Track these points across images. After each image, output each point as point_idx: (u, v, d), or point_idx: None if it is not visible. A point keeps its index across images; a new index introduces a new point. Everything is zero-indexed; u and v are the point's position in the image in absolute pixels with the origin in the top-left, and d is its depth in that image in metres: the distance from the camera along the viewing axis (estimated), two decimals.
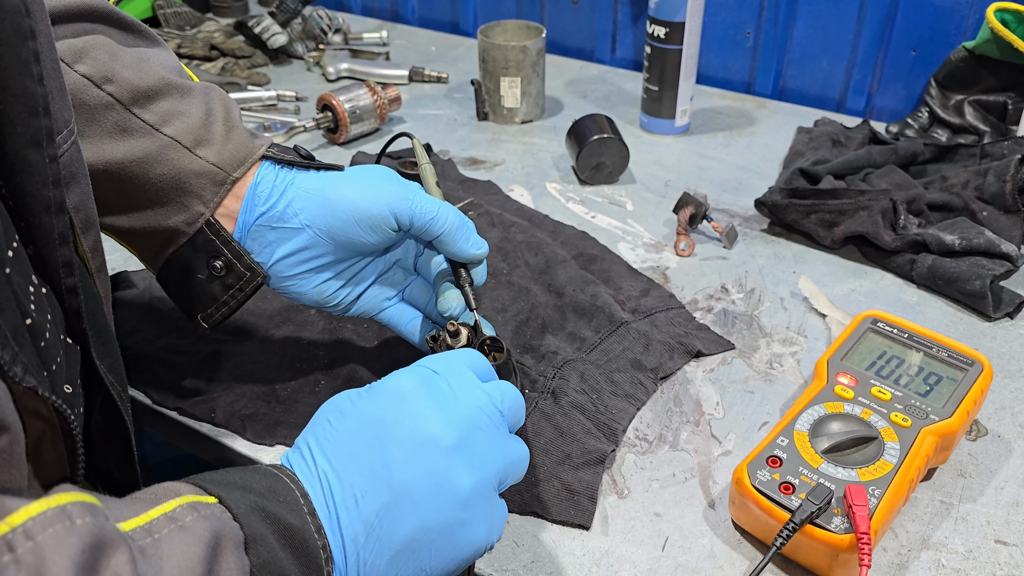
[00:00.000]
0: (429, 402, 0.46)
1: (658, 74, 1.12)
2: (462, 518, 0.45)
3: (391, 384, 0.48)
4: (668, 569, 0.59)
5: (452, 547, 0.45)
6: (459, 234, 0.62)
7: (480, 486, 0.46)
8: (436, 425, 0.45)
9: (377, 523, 0.43)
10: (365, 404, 0.47)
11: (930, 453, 0.61)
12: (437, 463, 0.45)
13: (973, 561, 0.59)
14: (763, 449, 0.61)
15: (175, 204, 0.60)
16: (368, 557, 0.43)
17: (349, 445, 0.45)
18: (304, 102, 1.25)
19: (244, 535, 0.39)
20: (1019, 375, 0.75)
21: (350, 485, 0.44)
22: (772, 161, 1.10)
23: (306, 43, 1.41)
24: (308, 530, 0.41)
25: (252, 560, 0.38)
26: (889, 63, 1.19)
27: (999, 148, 0.98)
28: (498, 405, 0.49)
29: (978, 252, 0.85)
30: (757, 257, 0.91)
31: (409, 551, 0.44)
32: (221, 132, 0.61)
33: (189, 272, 0.63)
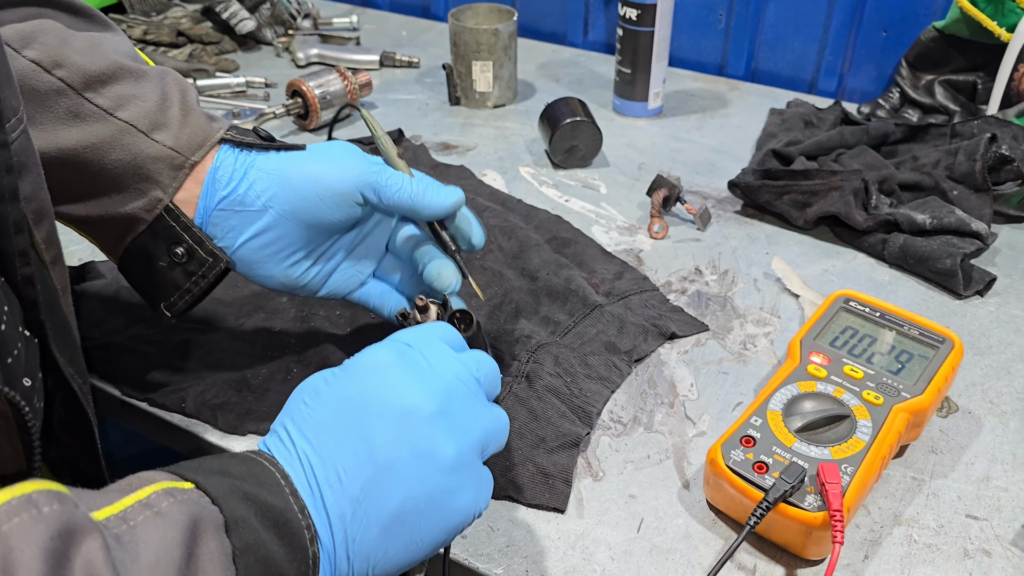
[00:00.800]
0: (406, 374, 0.46)
1: (630, 56, 1.11)
2: (449, 485, 0.45)
3: (365, 359, 0.47)
4: (643, 550, 0.59)
5: (441, 516, 0.45)
6: (428, 194, 0.61)
7: (464, 453, 0.46)
8: (415, 396, 0.45)
9: (363, 498, 0.43)
10: (341, 381, 0.46)
11: (902, 430, 0.61)
12: (419, 433, 0.44)
13: (944, 536, 0.60)
14: (737, 429, 0.61)
15: (132, 190, 0.59)
16: (356, 533, 0.42)
17: (328, 423, 0.44)
18: (274, 88, 1.24)
19: (224, 518, 0.38)
20: (989, 352, 0.76)
21: (332, 463, 0.43)
22: (745, 143, 1.10)
23: (275, 28, 1.39)
24: (291, 510, 0.41)
25: (234, 543, 0.37)
26: (860, 44, 1.20)
27: (969, 128, 0.98)
28: (474, 373, 0.49)
29: (949, 231, 0.86)
30: (731, 239, 0.91)
31: (398, 524, 0.43)
32: (178, 116, 0.60)
33: (150, 260, 0.61)
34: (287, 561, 0.39)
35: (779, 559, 0.58)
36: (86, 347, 0.74)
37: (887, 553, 0.59)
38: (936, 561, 0.58)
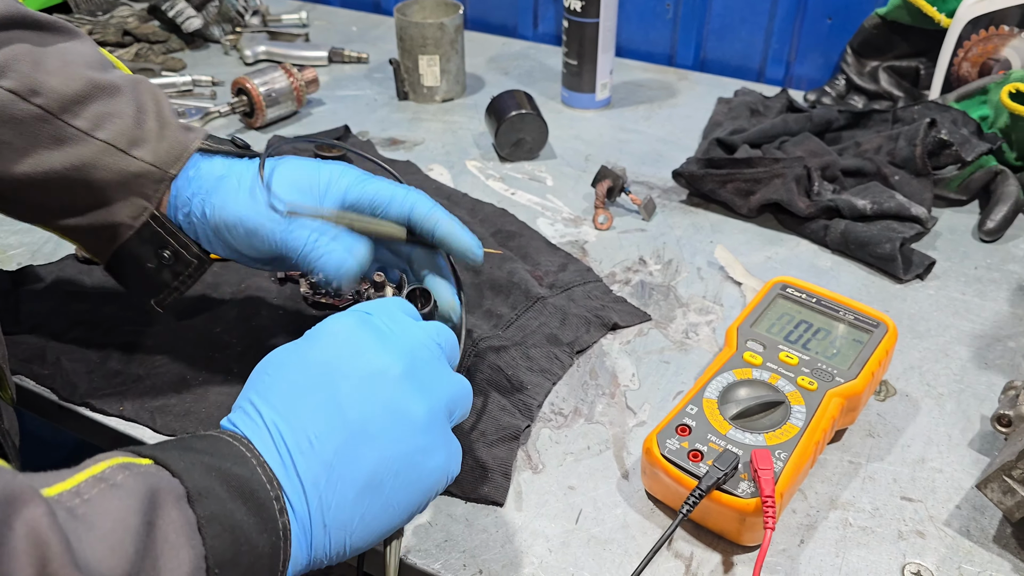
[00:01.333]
0: (370, 337, 0.46)
1: (576, 48, 1.11)
2: (422, 444, 0.45)
3: (327, 327, 0.47)
4: (581, 541, 0.59)
5: (416, 476, 0.45)
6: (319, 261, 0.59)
7: (434, 412, 0.46)
8: (382, 356, 0.45)
9: (337, 462, 0.42)
10: (303, 350, 0.46)
11: (836, 415, 0.62)
12: (390, 393, 0.44)
13: (879, 518, 0.60)
14: (673, 418, 0.61)
15: (119, 202, 0.61)
16: (332, 499, 0.42)
17: (294, 390, 0.44)
18: (221, 87, 1.22)
19: (186, 488, 0.37)
20: (928, 335, 0.77)
21: (302, 429, 0.42)
22: (692, 132, 1.10)
23: (222, 26, 1.38)
24: (258, 480, 0.40)
25: (199, 512, 0.36)
26: (806, 32, 1.20)
27: (910, 113, 0.99)
28: (435, 339, 0.49)
29: (889, 216, 0.86)
30: (675, 228, 0.91)
31: (374, 486, 0.43)
32: (155, 129, 0.61)
33: (138, 262, 0.63)
34: (256, 531, 0.39)
35: (716, 546, 0.59)
36: (25, 352, 0.73)
37: (822, 537, 0.59)
38: (871, 544, 0.59)
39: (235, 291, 0.81)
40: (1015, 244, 0.89)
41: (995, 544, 0.58)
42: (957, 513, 0.61)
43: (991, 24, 0.99)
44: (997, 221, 0.89)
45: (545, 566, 0.57)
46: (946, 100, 1.01)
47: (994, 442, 0.66)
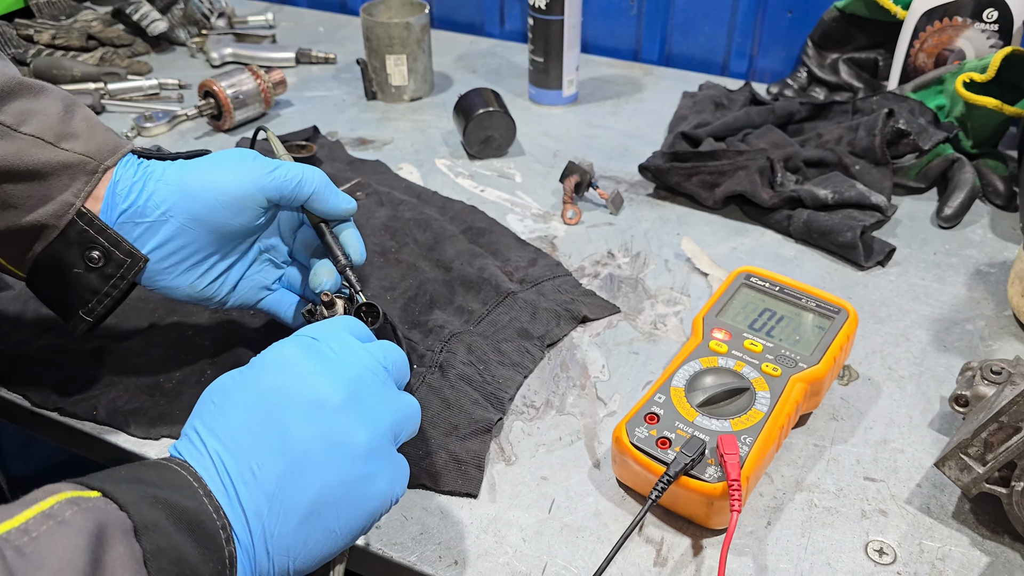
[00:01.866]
0: (313, 366, 0.46)
1: (542, 45, 1.12)
2: (364, 472, 0.45)
3: (272, 355, 0.47)
4: (554, 530, 0.60)
5: (358, 503, 0.45)
6: (328, 191, 0.63)
7: (376, 439, 0.46)
8: (324, 386, 0.46)
9: (279, 491, 0.43)
10: (248, 379, 0.46)
11: (799, 399, 0.63)
12: (330, 423, 0.45)
13: (843, 499, 0.62)
14: (641, 407, 0.62)
15: (40, 198, 0.58)
16: (274, 527, 0.43)
17: (238, 420, 0.44)
18: (188, 90, 1.22)
19: (133, 523, 0.37)
20: (889, 320, 0.79)
21: (245, 459, 0.43)
22: (658, 127, 1.12)
23: (188, 29, 1.37)
24: (205, 511, 0.40)
25: (145, 546, 0.37)
26: (767, 25, 1.22)
27: (869, 103, 1.01)
28: (382, 362, 0.50)
29: (850, 204, 0.88)
30: (643, 221, 0.93)
31: (316, 514, 0.44)
32: (83, 127, 0.60)
33: (63, 268, 0.60)
34: (202, 562, 0.39)
35: (685, 530, 0.60)
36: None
37: (789, 519, 0.61)
38: (835, 523, 0.60)
39: None
40: (972, 230, 0.91)
41: (954, 520, 0.60)
42: (918, 491, 0.62)
43: (945, 15, 1.01)
44: (954, 208, 0.91)
45: (519, 555, 0.58)
46: (904, 90, 1.03)
47: (953, 422, 0.68)
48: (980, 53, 1.01)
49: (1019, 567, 0.57)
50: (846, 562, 0.58)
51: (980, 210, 0.94)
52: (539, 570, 0.57)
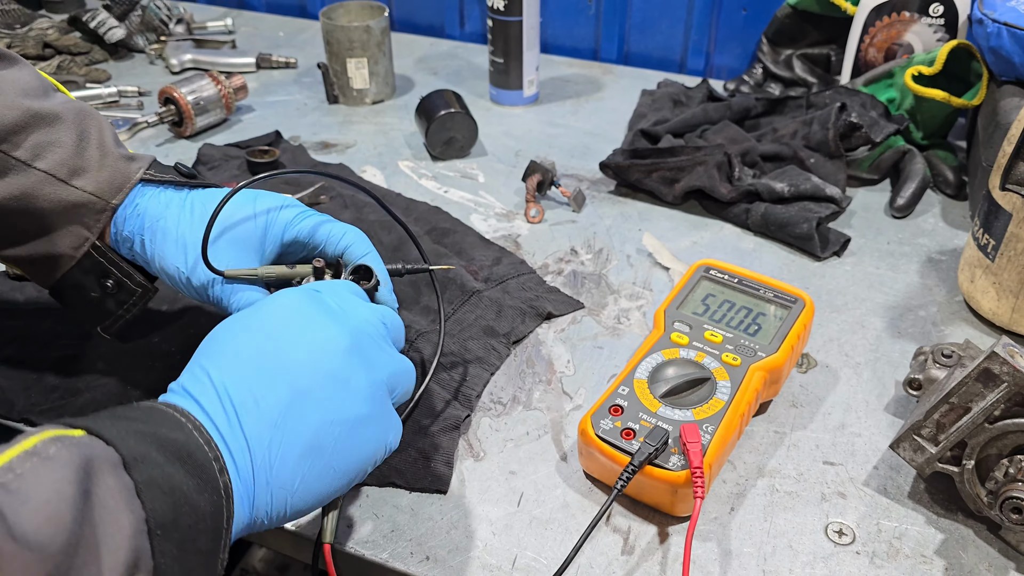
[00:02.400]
0: (317, 311, 0.49)
1: (502, 46, 1.13)
2: (364, 413, 0.47)
3: (277, 301, 0.49)
4: (523, 523, 0.61)
5: (357, 443, 0.47)
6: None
7: (375, 386, 0.48)
8: (330, 329, 0.48)
9: (281, 422, 0.44)
10: (254, 318, 0.48)
11: (759, 388, 0.65)
12: (336, 362, 0.47)
13: (803, 483, 0.64)
14: (606, 399, 0.63)
15: (60, 232, 0.61)
16: (275, 458, 0.44)
17: (243, 354, 0.46)
18: (148, 97, 1.21)
19: (121, 456, 0.37)
20: (845, 309, 0.81)
21: (248, 388, 0.44)
22: (619, 125, 1.13)
23: (146, 35, 1.36)
24: (195, 443, 0.41)
25: (136, 478, 0.37)
26: (723, 23, 1.24)
27: (822, 98, 1.04)
28: (382, 319, 0.52)
29: (805, 197, 0.91)
30: (605, 218, 0.94)
31: (316, 449, 0.45)
32: (96, 158, 0.61)
33: (82, 291, 0.64)
34: (196, 491, 0.39)
35: (651, 519, 0.61)
36: None
37: (751, 504, 0.62)
38: (796, 507, 0.62)
39: (172, 301, 0.81)
40: (924, 219, 0.94)
41: (910, 500, 0.62)
42: (875, 473, 0.64)
43: (893, 11, 1.04)
44: (907, 198, 0.93)
45: (490, 548, 0.59)
46: (855, 84, 1.05)
47: (907, 405, 0.70)
48: (928, 47, 1.04)
49: (972, 543, 0.59)
50: (807, 544, 0.59)
51: (931, 200, 0.97)
52: (509, 563, 0.58)
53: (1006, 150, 0.71)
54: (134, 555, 0.35)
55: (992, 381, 0.56)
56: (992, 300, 0.76)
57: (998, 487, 0.56)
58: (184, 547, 0.38)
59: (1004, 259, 0.73)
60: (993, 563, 0.58)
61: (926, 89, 0.97)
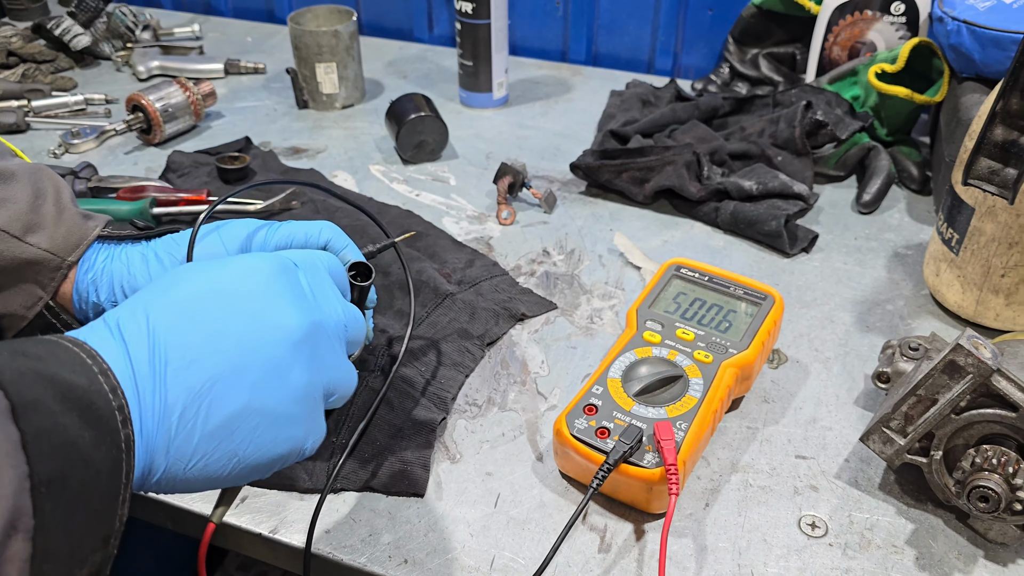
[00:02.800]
0: (284, 289, 0.45)
1: (471, 49, 1.14)
2: (289, 412, 0.44)
3: (248, 261, 0.45)
4: (500, 523, 0.61)
5: (272, 437, 0.44)
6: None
7: (313, 387, 0.45)
8: (289, 315, 0.44)
9: (204, 392, 0.41)
10: (215, 272, 0.44)
11: (731, 384, 0.66)
12: (281, 351, 0.43)
13: (776, 477, 0.65)
14: (580, 399, 0.64)
15: (12, 290, 0.59)
16: (185, 427, 0.41)
17: (192, 307, 0.42)
18: (115, 104, 1.20)
19: (11, 403, 0.33)
20: (814, 304, 0.82)
21: (184, 347, 0.41)
22: (589, 126, 1.14)
23: (112, 42, 1.35)
24: (98, 390, 0.37)
25: (24, 428, 0.33)
26: (690, 23, 1.26)
27: (788, 96, 1.05)
28: (345, 320, 0.49)
29: (774, 194, 0.92)
30: (576, 219, 0.95)
31: (228, 429, 0.42)
32: (52, 215, 0.60)
33: None
34: (92, 445, 0.36)
35: (627, 516, 0.62)
36: None
37: (726, 499, 0.63)
38: (769, 501, 0.63)
39: None
40: (890, 214, 0.95)
41: (880, 491, 0.63)
42: (846, 466, 0.65)
43: (856, 9, 1.05)
44: (872, 194, 0.95)
45: (468, 550, 0.59)
46: (820, 83, 1.07)
47: (876, 398, 0.71)
48: (890, 45, 1.06)
49: (941, 532, 0.60)
50: (781, 537, 0.60)
51: (897, 195, 0.99)
52: (487, 563, 0.58)
53: (967, 145, 0.72)
54: (12, 515, 0.32)
55: (958, 373, 0.57)
56: (957, 293, 0.77)
57: (965, 476, 0.57)
58: (73, 506, 0.35)
59: (968, 252, 0.75)
60: (962, 551, 0.59)
61: (889, 86, 0.98)
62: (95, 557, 0.36)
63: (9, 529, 0.32)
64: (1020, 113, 0.67)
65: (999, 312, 0.75)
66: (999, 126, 0.68)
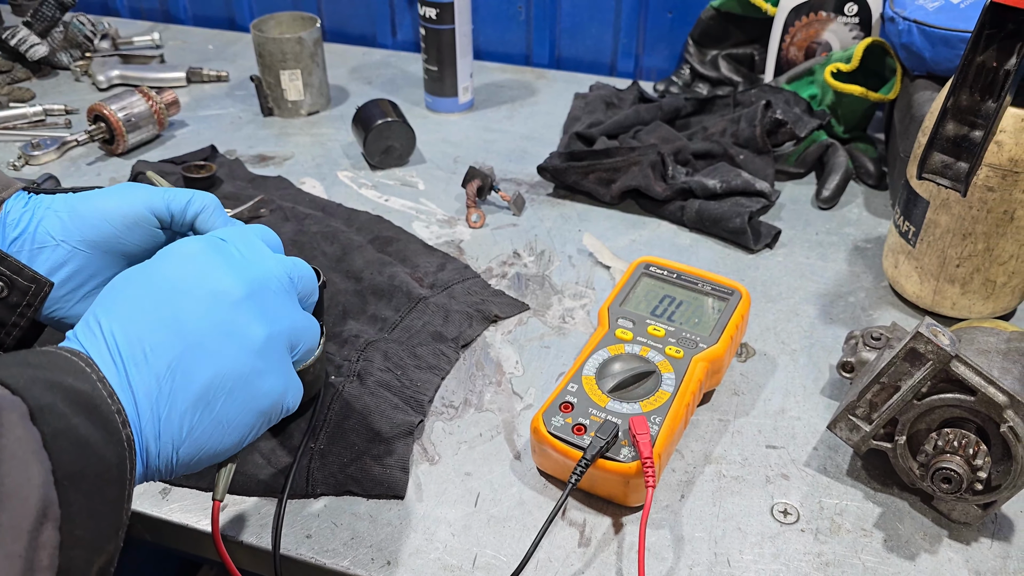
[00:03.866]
0: (218, 261, 0.48)
1: (435, 54, 1.14)
2: (257, 367, 0.46)
3: (177, 249, 0.49)
4: (481, 522, 0.62)
5: (250, 396, 0.46)
6: (217, 213, 0.62)
7: (273, 338, 0.48)
8: (225, 279, 0.47)
9: (169, 375, 0.44)
10: (152, 268, 0.47)
11: (702, 378, 0.67)
12: (228, 314, 0.46)
13: (748, 467, 0.66)
14: (556, 397, 0.65)
15: None
16: (163, 410, 0.43)
17: (137, 304, 0.45)
18: (76, 115, 1.19)
19: (28, 407, 0.37)
20: (779, 299, 0.84)
21: (139, 340, 0.44)
22: (554, 128, 1.16)
23: (71, 52, 1.34)
24: (99, 395, 0.40)
25: (43, 429, 0.36)
26: (650, 26, 1.28)
27: (748, 96, 1.07)
28: (288, 272, 0.51)
29: (737, 192, 0.94)
30: (545, 220, 0.96)
31: (205, 401, 0.45)
32: None
33: None
34: (103, 444, 0.39)
35: (606, 511, 0.63)
36: None
37: (700, 490, 0.65)
38: (742, 491, 0.65)
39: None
40: (849, 209, 0.98)
41: (848, 477, 0.65)
42: (815, 454, 0.67)
43: (811, 11, 1.08)
44: (831, 190, 0.97)
45: (449, 549, 0.60)
46: (779, 82, 1.09)
47: (842, 387, 0.73)
48: (844, 44, 1.09)
49: (908, 514, 0.62)
50: (755, 525, 0.62)
51: (855, 190, 1.01)
52: (470, 562, 0.59)
53: (921, 141, 0.75)
54: (43, 504, 0.35)
55: (918, 360, 0.59)
56: (915, 284, 0.80)
57: (928, 459, 0.59)
58: (92, 498, 0.38)
59: (924, 244, 0.77)
60: (928, 532, 0.61)
61: (845, 85, 1.01)
62: (109, 546, 0.39)
63: (41, 518, 0.35)
64: (970, 109, 0.70)
65: (955, 301, 0.78)
66: (950, 122, 0.70)
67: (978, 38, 0.65)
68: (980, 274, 0.76)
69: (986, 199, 0.72)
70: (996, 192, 0.71)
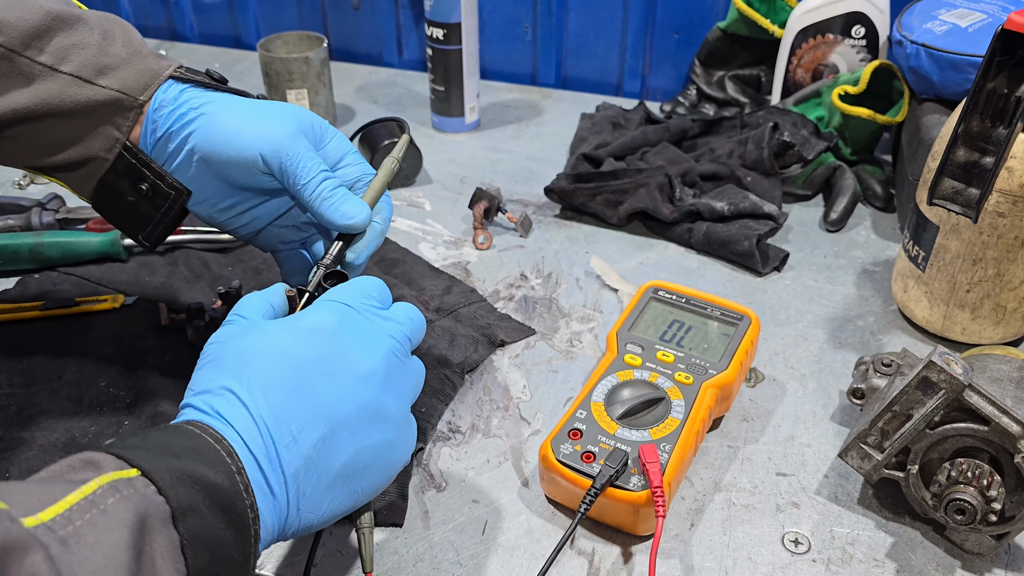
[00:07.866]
0: (352, 339, 0.50)
1: (442, 74, 1.15)
2: (391, 440, 0.50)
3: (310, 321, 0.49)
4: (489, 551, 0.61)
5: (383, 467, 0.50)
6: (326, 204, 0.59)
7: (404, 410, 0.51)
8: (366, 361, 0.49)
9: (315, 455, 0.46)
10: (287, 344, 0.48)
11: (712, 404, 0.67)
12: (370, 395, 0.49)
13: (759, 495, 0.66)
14: (564, 424, 0.65)
15: (92, 134, 0.60)
16: (307, 488, 0.46)
17: (278, 383, 0.46)
18: None
19: (171, 508, 0.38)
20: (788, 323, 0.84)
21: (287, 423, 0.45)
22: (560, 148, 1.15)
23: None
24: (237, 491, 0.42)
25: (182, 532, 0.38)
26: (656, 46, 1.28)
27: (755, 118, 1.07)
28: (407, 332, 0.53)
29: (744, 215, 0.93)
30: (552, 242, 0.96)
31: (345, 477, 0.48)
32: (121, 55, 0.60)
33: (119, 196, 0.63)
34: (232, 542, 0.41)
35: (615, 540, 0.62)
36: None
37: (710, 519, 0.64)
38: (753, 519, 0.64)
39: (116, 343, 0.80)
40: (857, 232, 0.98)
41: (860, 506, 0.65)
42: (826, 482, 0.67)
43: (818, 33, 1.08)
44: (839, 212, 0.97)
45: None
46: (786, 104, 1.09)
47: (852, 414, 0.73)
48: (852, 67, 1.09)
49: (920, 544, 0.62)
50: (765, 555, 0.61)
51: (862, 213, 1.01)
52: None
53: (931, 166, 0.75)
54: None
55: (931, 389, 0.59)
56: (925, 309, 0.79)
57: (942, 490, 0.58)
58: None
59: (934, 269, 0.77)
60: (940, 563, 0.60)
61: (852, 107, 1.01)
62: None
63: None
64: (980, 135, 0.69)
65: (965, 326, 0.77)
66: (961, 147, 0.70)
67: (989, 64, 0.65)
68: (990, 300, 0.75)
69: (996, 225, 0.71)
70: (1007, 218, 0.71)
